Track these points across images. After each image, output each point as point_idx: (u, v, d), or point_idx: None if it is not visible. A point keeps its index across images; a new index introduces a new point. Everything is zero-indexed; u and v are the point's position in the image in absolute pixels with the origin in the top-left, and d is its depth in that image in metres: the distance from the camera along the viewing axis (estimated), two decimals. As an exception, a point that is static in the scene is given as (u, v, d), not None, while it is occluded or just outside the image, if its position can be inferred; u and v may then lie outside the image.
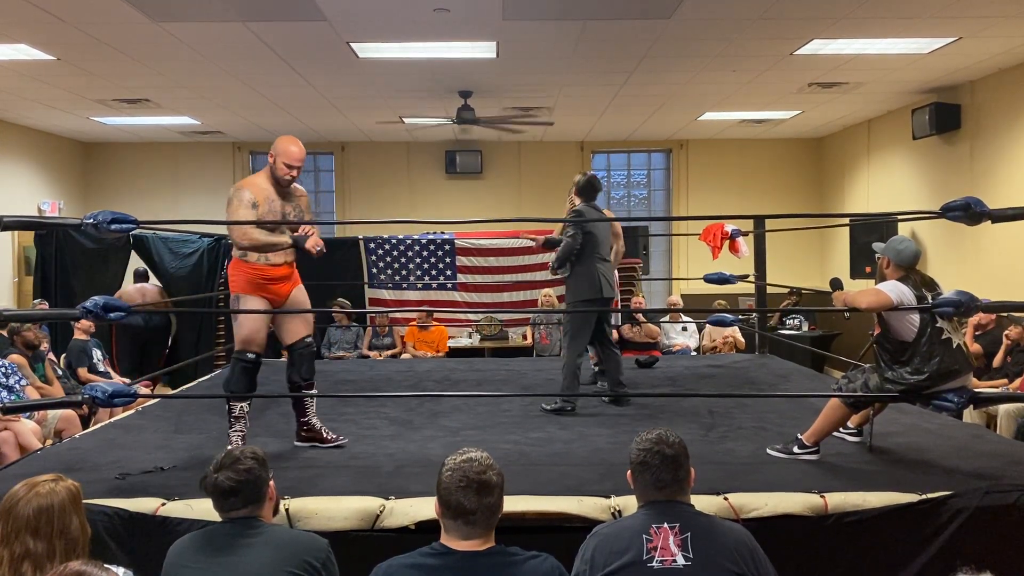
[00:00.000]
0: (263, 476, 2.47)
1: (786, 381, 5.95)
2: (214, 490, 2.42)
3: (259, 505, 2.46)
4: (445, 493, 2.23)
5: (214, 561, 2.33)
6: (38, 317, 6.73)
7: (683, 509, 2.40)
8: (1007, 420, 5.92)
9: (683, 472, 2.43)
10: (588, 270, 5.09)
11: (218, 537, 2.40)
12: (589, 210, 5.17)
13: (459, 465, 2.25)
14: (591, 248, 5.10)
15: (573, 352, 5.06)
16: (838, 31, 6.04)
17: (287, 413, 4.89)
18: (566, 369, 5.04)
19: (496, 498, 2.25)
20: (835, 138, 10.99)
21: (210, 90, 7.92)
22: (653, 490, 2.42)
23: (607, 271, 5.18)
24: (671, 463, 2.41)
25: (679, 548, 2.28)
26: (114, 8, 5.36)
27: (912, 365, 3.53)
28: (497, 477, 2.26)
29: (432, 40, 6.27)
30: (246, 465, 2.43)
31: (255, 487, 2.44)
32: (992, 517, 3.14)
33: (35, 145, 10.08)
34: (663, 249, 11.68)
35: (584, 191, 5.23)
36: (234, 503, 2.41)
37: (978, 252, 7.74)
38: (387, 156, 11.46)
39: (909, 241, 3.75)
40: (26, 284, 9.59)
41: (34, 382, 6.23)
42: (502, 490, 2.28)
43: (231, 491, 2.40)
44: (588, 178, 5.27)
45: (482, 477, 2.22)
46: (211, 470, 2.44)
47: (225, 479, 2.40)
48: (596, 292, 5.06)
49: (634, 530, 2.35)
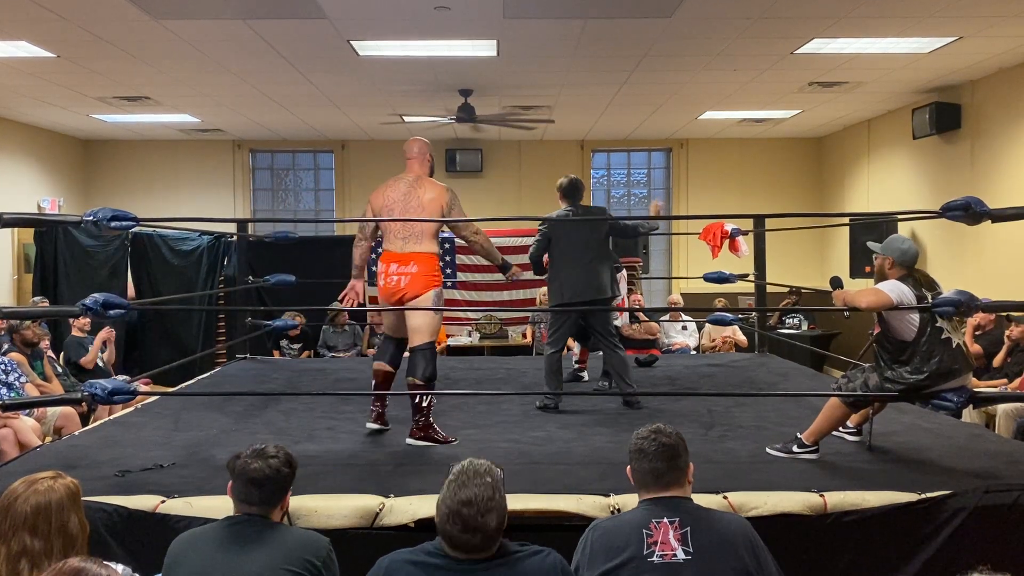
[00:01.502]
0: (287, 482, 2.50)
1: (785, 380, 5.95)
2: (241, 474, 2.43)
3: (272, 508, 2.47)
4: (441, 524, 2.20)
5: (215, 556, 2.34)
6: (38, 314, 6.73)
7: (683, 504, 2.40)
8: (1006, 420, 5.92)
9: (681, 463, 2.44)
10: (555, 275, 5.12)
11: (221, 533, 2.41)
12: (564, 214, 5.15)
13: (456, 510, 2.15)
14: (558, 253, 5.09)
15: (549, 351, 5.15)
16: (838, 30, 6.04)
17: (287, 411, 4.91)
18: (544, 368, 5.14)
19: (496, 527, 2.18)
20: (835, 137, 10.98)
21: (210, 88, 7.92)
22: (652, 481, 2.42)
23: (579, 274, 5.05)
24: (668, 451, 2.42)
25: (679, 542, 2.29)
26: (115, 6, 5.35)
27: (912, 364, 3.54)
28: (496, 515, 2.17)
29: (433, 38, 6.27)
30: (278, 463, 2.46)
31: (278, 487, 2.46)
32: (991, 516, 3.14)
33: (35, 142, 10.07)
34: (663, 248, 11.68)
35: (567, 193, 5.22)
36: (252, 495, 2.42)
37: (978, 252, 7.74)
38: (387, 154, 11.42)
39: (909, 240, 3.75)
40: (26, 282, 9.59)
41: (33, 379, 6.23)
42: (504, 511, 2.22)
43: (255, 482, 2.42)
44: (570, 180, 5.23)
45: (479, 522, 2.14)
46: (245, 453, 2.46)
47: (256, 467, 2.42)
48: (563, 297, 5.06)
49: (634, 524, 2.35)
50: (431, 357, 4.16)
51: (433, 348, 4.20)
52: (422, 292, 4.16)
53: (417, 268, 4.16)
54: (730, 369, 6.47)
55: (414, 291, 4.16)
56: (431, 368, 4.15)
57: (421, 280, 4.16)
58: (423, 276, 4.16)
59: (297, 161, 11.81)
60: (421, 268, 4.17)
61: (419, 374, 4.12)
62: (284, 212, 11.68)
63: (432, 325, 4.20)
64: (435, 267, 4.24)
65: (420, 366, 4.13)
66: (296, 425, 4.59)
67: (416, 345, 4.17)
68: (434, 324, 4.21)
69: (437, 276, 4.24)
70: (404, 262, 4.17)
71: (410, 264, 4.16)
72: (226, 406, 4.99)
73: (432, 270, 4.20)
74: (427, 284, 4.17)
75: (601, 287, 5.08)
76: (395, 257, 4.20)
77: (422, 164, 4.40)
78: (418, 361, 4.14)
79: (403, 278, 4.16)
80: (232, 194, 11.45)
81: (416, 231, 4.20)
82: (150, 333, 9.72)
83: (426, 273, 4.17)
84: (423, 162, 4.40)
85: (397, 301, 4.20)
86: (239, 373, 6.47)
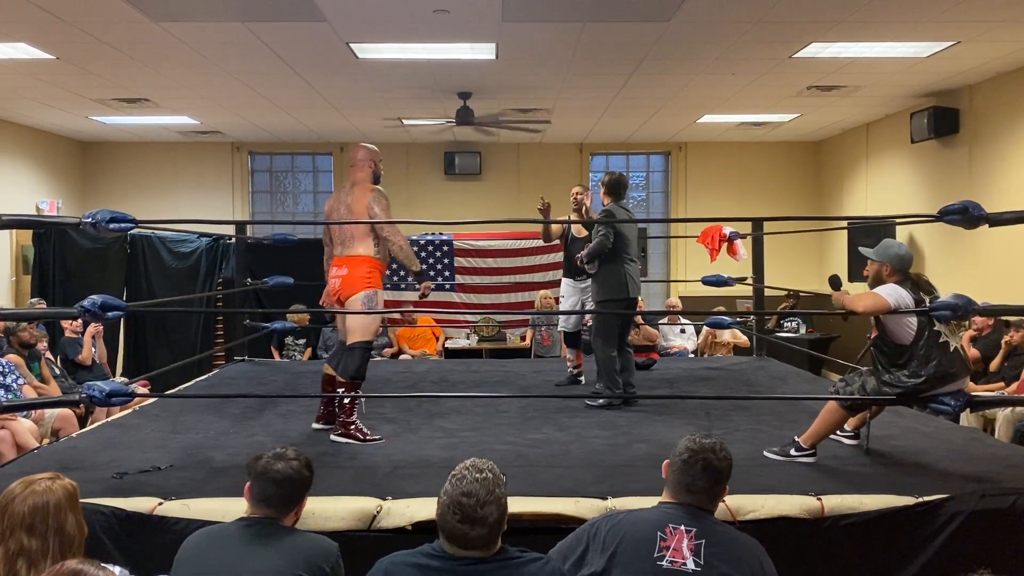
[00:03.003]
0: (306, 485, 2.52)
1: (783, 383, 5.96)
2: (263, 474, 2.45)
3: (288, 511, 2.48)
4: (441, 518, 2.20)
5: (224, 556, 2.34)
6: (35, 316, 6.73)
7: (703, 516, 2.39)
8: (1005, 424, 5.92)
9: (719, 488, 2.42)
10: (617, 270, 5.14)
11: (231, 535, 2.41)
12: (619, 210, 5.23)
13: (457, 499, 2.17)
14: (620, 248, 5.14)
15: (606, 350, 5.15)
16: (837, 35, 6.05)
17: (285, 413, 4.91)
18: (603, 366, 5.14)
19: (496, 521, 2.18)
20: (833, 141, 11.00)
21: (209, 90, 7.92)
22: (684, 491, 2.41)
23: (635, 272, 5.23)
24: (713, 474, 2.39)
25: (691, 552, 2.28)
26: (114, 7, 5.36)
27: (910, 368, 3.54)
28: (496, 508, 2.18)
29: (432, 41, 6.28)
30: (299, 465, 2.49)
31: (297, 489, 2.48)
32: (988, 520, 3.15)
33: (34, 144, 10.07)
34: (661, 251, 11.69)
35: (613, 190, 5.29)
36: (271, 495, 2.43)
37: (976, 256, 7.75)
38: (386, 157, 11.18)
39: (903, 244, 3.77)
40: (24, 283, 9.58)
41: (31, 381, 6.23)
42: (504, 509, 2.22)
43: (277, 482, 2.43)
44: (616, 177, 5.33)
45: (478, 513, 2.15)
46: (268, 454, 2.49)
47: (279, 468, 2.44)
48: (623, 292, 5.14)
49: (651, 523, 2.34)
50: (361, 356, 4.32)
51: (366, 348, 4.36)
52: (353, 293, 4.33)
53: (348, 271, 4.36)
54: (728, 372, 6.47)
55: (347, 292, 4.35)
56: (358, 367, 4.31)
57: (352, 281, 4.33)
58: (354, 278, 4.34)
59: (296, 163, 11.81)
60: (352, 271, 4.35)
61: (345, 372, 4.33)
62: (283, 214, 11.68)
63: (365, 325, 4.36)
64: (368, 269, 4.37)
65: (348, 364, 4.33)
66: (294, 427, 4.59)
67: (350, 343, 4.36)
68: (367, 324, 4.38)
69: (370, 278, 4.37)
70: (339, 265, 4.41)
71: (343, 267, 4.39)
72: (224, 408, 4.99)
73: (364, 272, 4.35)
74: (358, 286, 4.33)
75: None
76: (335, 261, 4.46)
77: (362, 170, 4.53)
78: (347, 359, 4.35)
79: (337, 280, 4.38)
80: (231, 196, 11.44)
81: (347, 235, 4.42)
82: (148, 335, 9.72)
83: (358, 276, 4.34)
84: (363, 168, 4.53)
85: (336, 302, 4.41)
86: (237, 375, 6.47)
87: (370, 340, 4.39)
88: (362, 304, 4.31)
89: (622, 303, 5.17)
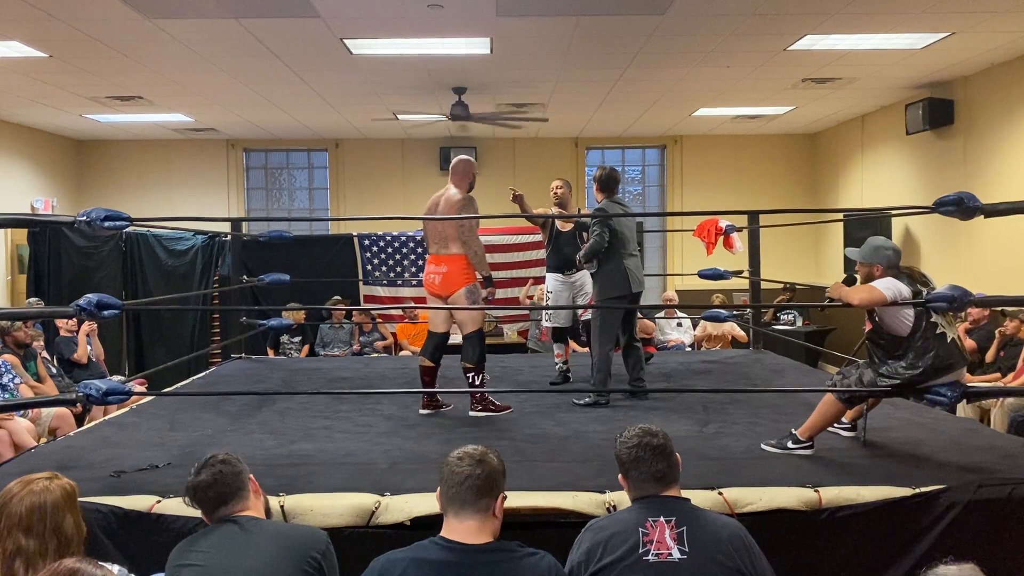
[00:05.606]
0: (237, 467, 2.50)
1: (780, 376, 5.97)
2: (196, 490, 2.44)
3: (244, 498, 2.46)
4: (441, 490, 2.27)
5: (216, 559, 2.32)
6: (31, 315, 6.71)
7: (678, 503, 2.41)
8: (1000, 414, 5.94)
9: (675, 459, 2.48)
10: (616, 267, 5.10)
11: (218, 535, 2.39)
12: (612, 205, 5.18)
13: (452, 464, 2.30)
14: (617, 244, 5.10)
15: (603, 348, 5.11)
16: (831, 27, 6.05)
17: (282, 411, 4.91)
18: (599, 364, 5.09)
19: (487, 479, 2.28)
20: (829, 133, 11.00)
21: (204, 87, 7.90)
22: (651, 482, 2.43)
23: (635, 266, 5.19)
24: (662, 452, 2.45)
25: (675, 542, 2.29)
26: (107, 5, 5.34)
27: (907, 359, 3.54)
28: (488, 470, 2.30)
29: (426, 36, 6.27)
30: (217, 460, 2.48)
31: (232, 477, 2.46)
32: (985, 511, 3.16)
33: (28, 142, 10.04)
34: (657, 245, 11.70)
35: (605, 185, 5.24)
36: (216, 497, 2.42)
37: (971, 247, 7.76)
38: (381, 153, 11.45)
39: (886, 239, 3.77)
40: (19, 282, 9.56)
41: (27, 380, 6.21)
42: (498, 479, 2.32)
43: (208, 485, 2.42)
44: (608, 172, 5.26)
45: (473, 472, 2.27)
46: (190, 478, 2.48)
47: (203, 477, 2.44)
48: (626, 288, 5.10)
49: (629, 523, 2.36)
50: (478, 342, 4.79)
51: (480, 334, 4.81)
52: (456, 290, 4.75)
53: (447, 268, 4.76)
54: (725, 365, 6.48)
55: (450, 289, 4.76)
56: (480, 351, 4.79)
57: (452, 279, 4.74)
58: (453, 275, 4.74)
59: (291, 160, 11.79)
60: (451, 268, 4.76)
61: (471, 358, 4.79)
62: (278, 211, 11.66)
63: (474, 317, 4.80)
64: (464, 266, 4.76)
65: (470, 351, 4.79)
66: (292, 424, 4.58)
67: (466, 334, 4.81)
68: (476, 315, 4.82)
69: (467, 274, 4.76)
70: (437, 263, 4.82)
71: (441, 264, 4.80)
72: (221, 406, 4.99)
73: (462, 269, 4.75)
74: (459, 282, 4.74)
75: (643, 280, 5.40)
76: (431, 259, 4.88)
77: (461, 179, 4.89)
78: (467, 348, 4.80)
79: (437, 276, 4.79)
80: (226, 193, 11.43)
81: (442, 236, 4.78)
82: (145, 334, 9.71)
83: (456, 272, 4.74)
84: (462, 177, 4.90)
85: (434, 296, 4.84)
86: (234, 373, 6.46)
87: (481, 328, 4.83)
88: (466, 298, 4.73)
89: (625, 299, 5.13)
